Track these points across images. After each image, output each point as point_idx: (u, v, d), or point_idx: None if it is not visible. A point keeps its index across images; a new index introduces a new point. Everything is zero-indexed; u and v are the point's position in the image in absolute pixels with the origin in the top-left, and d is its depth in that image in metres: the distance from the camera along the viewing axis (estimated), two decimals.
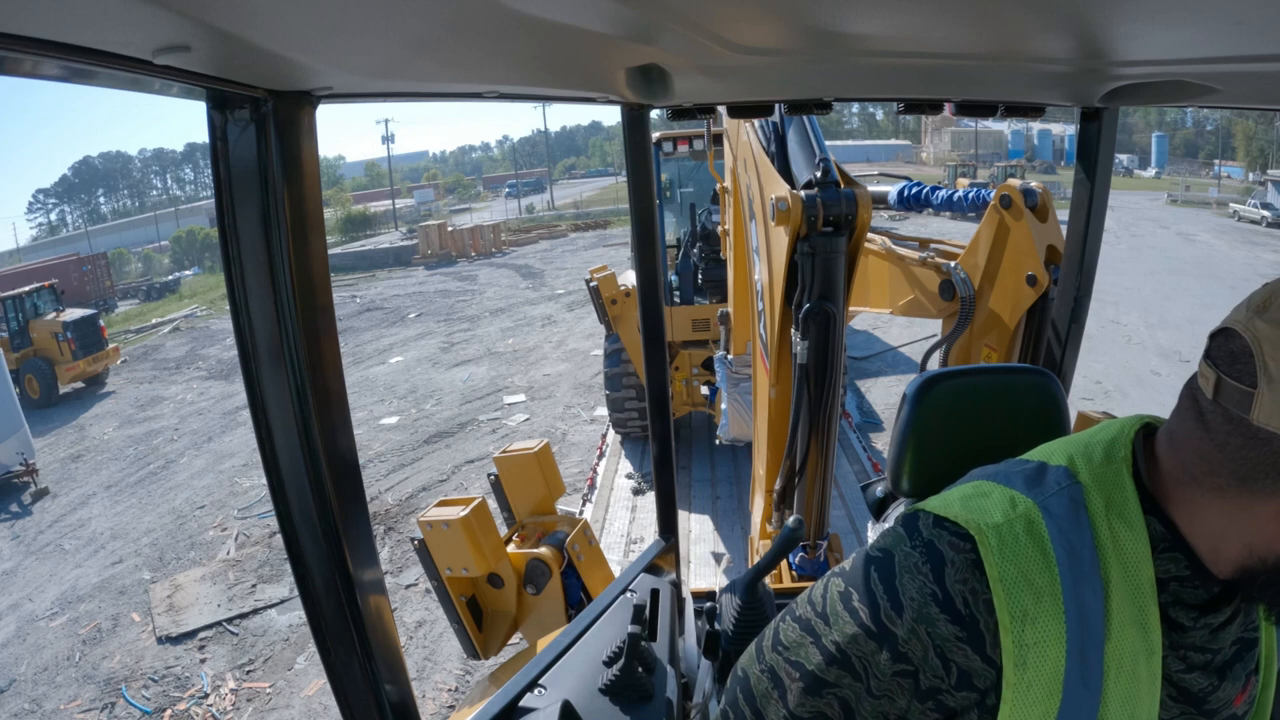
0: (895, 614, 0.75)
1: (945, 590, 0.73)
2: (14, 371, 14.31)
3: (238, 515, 9.21)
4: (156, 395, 15.89)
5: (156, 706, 5.97)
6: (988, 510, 0.74)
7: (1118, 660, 0.71)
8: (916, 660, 0.74)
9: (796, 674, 0.84)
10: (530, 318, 18.48)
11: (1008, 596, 0.70)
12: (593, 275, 7.73)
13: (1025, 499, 0.74)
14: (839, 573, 0.84)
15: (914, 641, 0.74)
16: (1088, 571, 0.71)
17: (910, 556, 0.76)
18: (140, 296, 34.67)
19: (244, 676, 6.18)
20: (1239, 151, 48.61)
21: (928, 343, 3.21)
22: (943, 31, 0.92)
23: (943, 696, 0.75)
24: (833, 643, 0.80)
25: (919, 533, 0.77)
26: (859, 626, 0.78)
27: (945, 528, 0.75)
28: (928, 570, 0.74)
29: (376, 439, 11.08)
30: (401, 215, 48.55)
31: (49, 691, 6.33)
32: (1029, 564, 0.71)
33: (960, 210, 3.61)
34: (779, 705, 0.86)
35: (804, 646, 0.83)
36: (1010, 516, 0.73)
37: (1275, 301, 0.64)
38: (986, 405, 1.16)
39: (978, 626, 0.72)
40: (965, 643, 0.72)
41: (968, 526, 0.73)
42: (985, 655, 0.72)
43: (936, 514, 0.77)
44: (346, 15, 0.65)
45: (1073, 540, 0.72)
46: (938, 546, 0.74)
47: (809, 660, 0.82)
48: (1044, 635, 0.70)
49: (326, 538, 0.91)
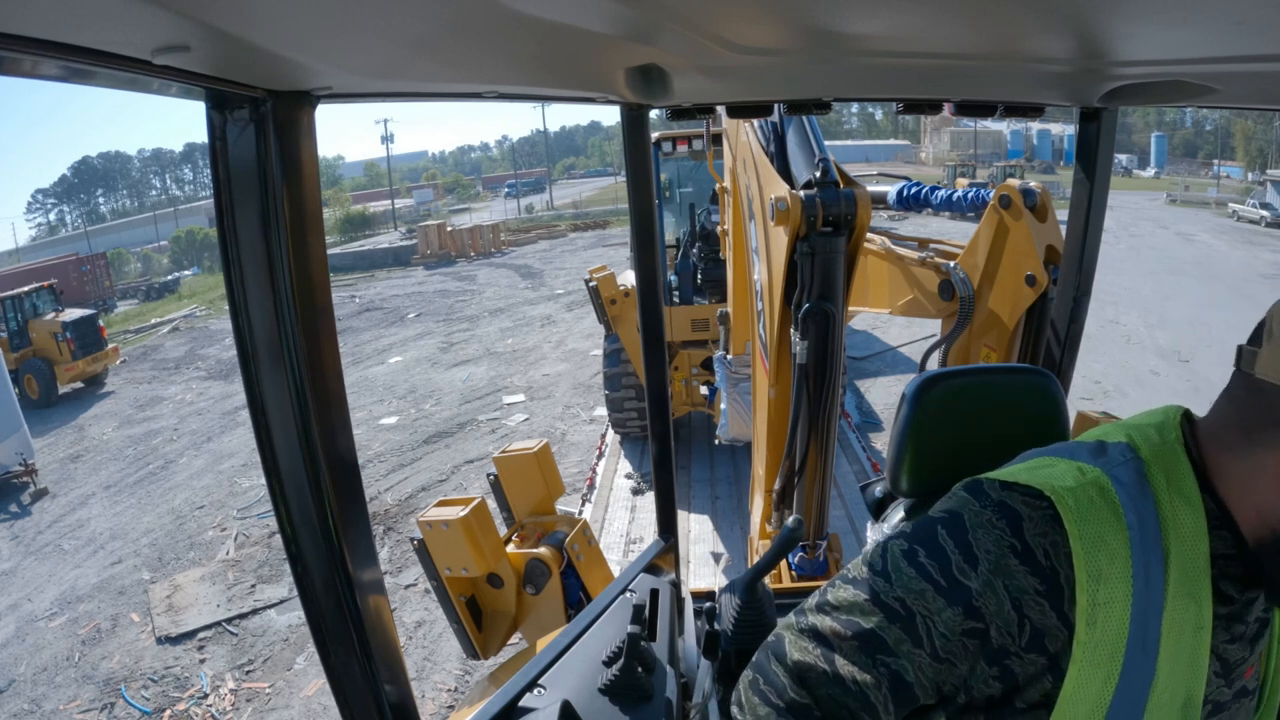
0: (969, 567, 0.75)
1: (1025, 542, 0.73)
2: (13, 372, 14.30)
3: (237, 515, 9.20)
4: (156, 395, 15.88)
5: (156, 707, 5.96)
6: (1058, 476, 0.76)
7: (1172, 629, 0.73)
8: (989, 615, 0.74)
9: (849, 633, 0.81)
10: (529, 318, 18.47)
11: (1086, 553, 0.71)
12: (592, 275, 7.72)
13: (1093, 468, 0.76)
14: (896, 536, 0.83)
15: (989, 595, 0.74)
16: (1152, 540, 0.73)
17: (982, 514, 0.76)
18: (139, 296, 34.64)
19: (243, 677, 6.18)
20: (1238, 151, 48.63)
21: (927, 343, 3.21)
22: (942, 31, 0.92)
23: (1010, 661, 0.75)
24: (896, 599, 0.79)
25: (987, 495, 0.77)
26: (928, 582, 0.77)
27: (1016, 490, 0.76)
28: (1003, 525, 0.75)
29: (376, 439, 11.08)
30: (401, 215, 48.52)
31: (48, 692, 6.33)
32: (1103, 525, 0.72)
33: (959, 210, 3.61)
34: (823, 667, 0.83)
35: (859, 605, 0.81)
36: (1082, 482, 0.75)
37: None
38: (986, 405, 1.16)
39: (1058, 580, 0.72)
40: (1044, 596, 0.73)
41: (1041, 488, 0.75)
42: (1061, 612, 0.72)
43: (1002, 480, 0.78)
44: (346, 15, 0.65)
45: (1140, 508, 0.74)
46: (1011, 505, 0.75)
47: (866, 619, 0.80)
48: (1114, 596, 0.71)
49: (326, 538, 0.91)
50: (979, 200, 3.37)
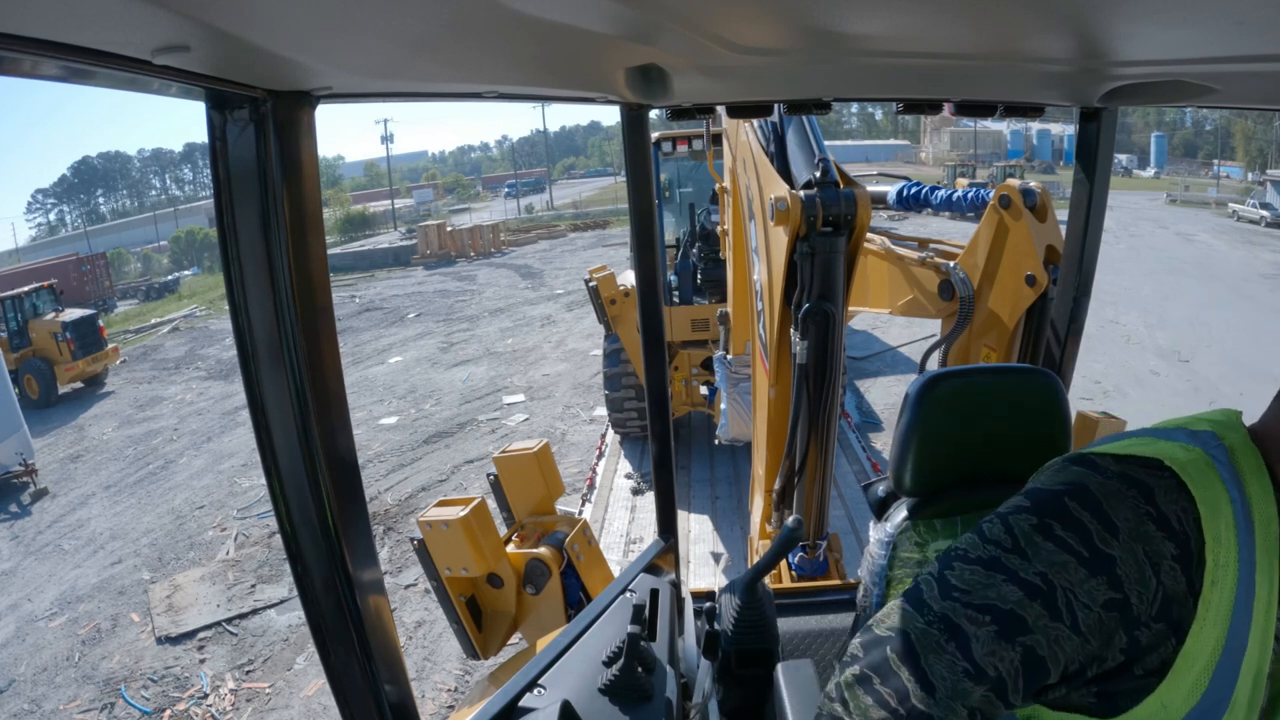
0: (1110, 536, 0.75)
1: (1159, 509, 0.75)
2: (13, 372, 14.30)
3: (237, 515, 9.20)
4: (156, 395, 15.88)
5: (156, 707, 5.96)
6: (1169, 451, 0.78)
7: (1261, 598, 0.76)
8: (1129, 584, 0.74)
9: (987, 617, 0.77)
10: (529, 318, 18.47)
11: (1209, 518, 0.74)
12: (592, 275, 7.72)
13: (1193, 447, 0.79)
14: (1019, 510, 0.81)
15: (1130, 563, 0.74)
16: (1246, 513, 0.76)
17: (1109, 485, 0.77)
18: (139, 296, 34.63)
19: (243, 677, 6.18)
20: (1238, 151, 48.63)
21: (927, 343, 3.21)
22: (942, 31, 0.92)
23: (1139, 631, 0.75)
24: (1036, 575, 0.76)
25: (1104, 468, 0.78)
26: (1069, 554, 0.76)
27: (1133, 462, 0.78)
28: (1135, 494, 0.76)
29: (376, 439, 11.08)
30: (401, 215, 48.52)
31: (48, 692, 6.33)
32: (1217, 494, 0.75)
33: (959, 210, 3.61)
34: (955, 659, 0.78)
35: (995, 586, 0.78)
36: (1191, 456, 0.77)
37: None
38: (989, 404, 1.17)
39: (1189, 545, 0.74)
40: (1177, 561, 0.74)
41: (1159, 458, 0.77)
42: (1189, 577, 0.74)
43: (1114, 454, 0.80)
44: (346, 15, 0.65)
45: (1235, 485, 0.77)
46: (1135, 475, 0.77)
47: (1004, 598, 0.77)
48: (1229, 560, 0.74)
49: (326, 538, 0.91)
50: (979, 200, 3.37)
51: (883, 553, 1.39)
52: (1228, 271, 18.43)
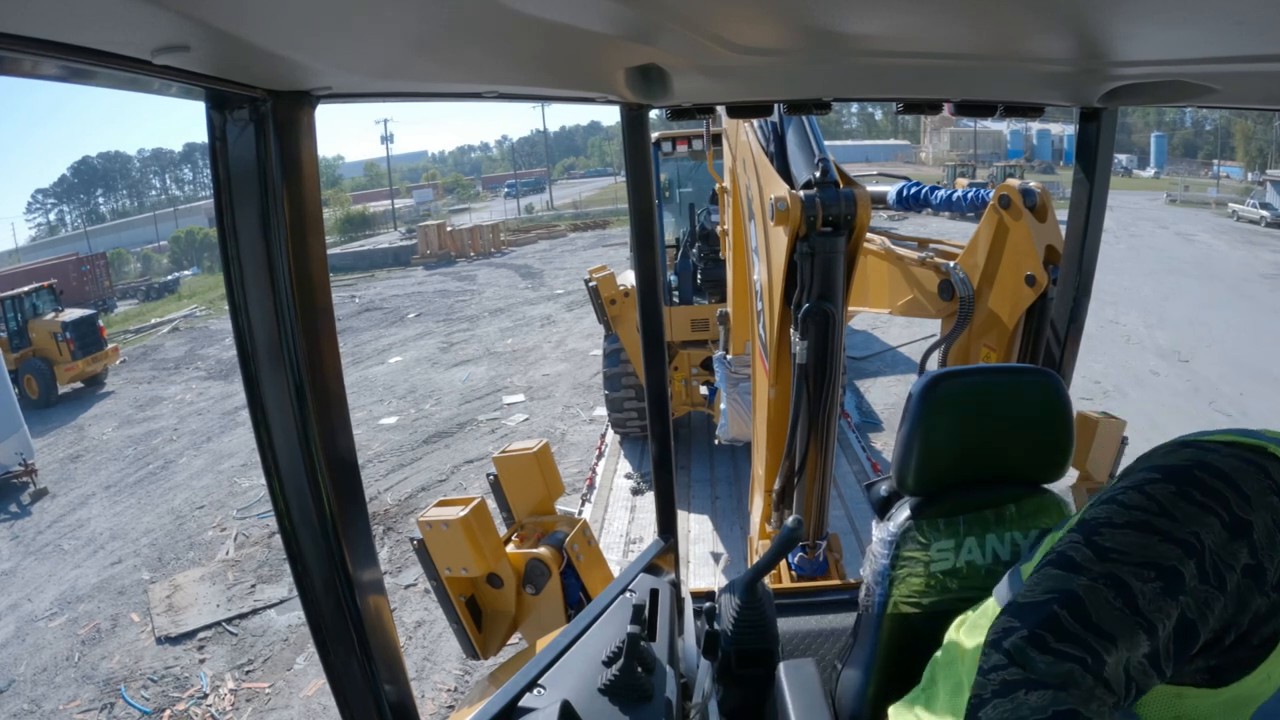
0: (1245, 504, 0.78)
1: (1278, 483, 0.78)
2: (13, 372, 14.28)
3: (237, 515, 9.20)
4: (155, 395, 15.87)
5: (156, 707, 5.96)
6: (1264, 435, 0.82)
7: None
8: (1263, 551, 0.77)
9: (1151, 573, 0.78)
10: (529, 318, 18.46)
11: None
12: (592, 275, 7.72)
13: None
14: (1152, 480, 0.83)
15: (1263, 530, 0.77)
16: None
17: (1230, 461, 0.80)
18: (139, 296, 34.62)
19: (243, 677, 6.18)
20: (1238, 151, 48.62)
21: (927, 343, 3.21)
22: (942, 31, 0.92)
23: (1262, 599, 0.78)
24: (1190, 534, 0.78)
25: (1217, 450, 0.82)
26: (1214, 517, 0.78)
27: (1239, 447, 0.82)
28: (1256, 471, 0.79)
29: (375, 439, 11.07)
30: (400, 215, 48.50)
31: (48, 692, 6.32)
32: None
33: (959, 210, 3.61)
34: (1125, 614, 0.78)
35: (1151, 545, 0.79)
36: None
37: None
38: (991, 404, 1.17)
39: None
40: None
41: (1263, 445, 0.81)
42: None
43: (1221, 441, 0.83)
44: (346, 15, 0.65)
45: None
46: (1249, 456, 0.80)
47: (1164, 556, 0.78)
48: None
49: (326, 538, 0.91)
50: (979, 200, 3.37)
51: (885, 552, 1.39)
52: (1228, 271, 18.43)
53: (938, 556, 1.37)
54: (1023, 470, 1.32)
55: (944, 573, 1.38)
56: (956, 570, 1.37)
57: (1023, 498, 1.34)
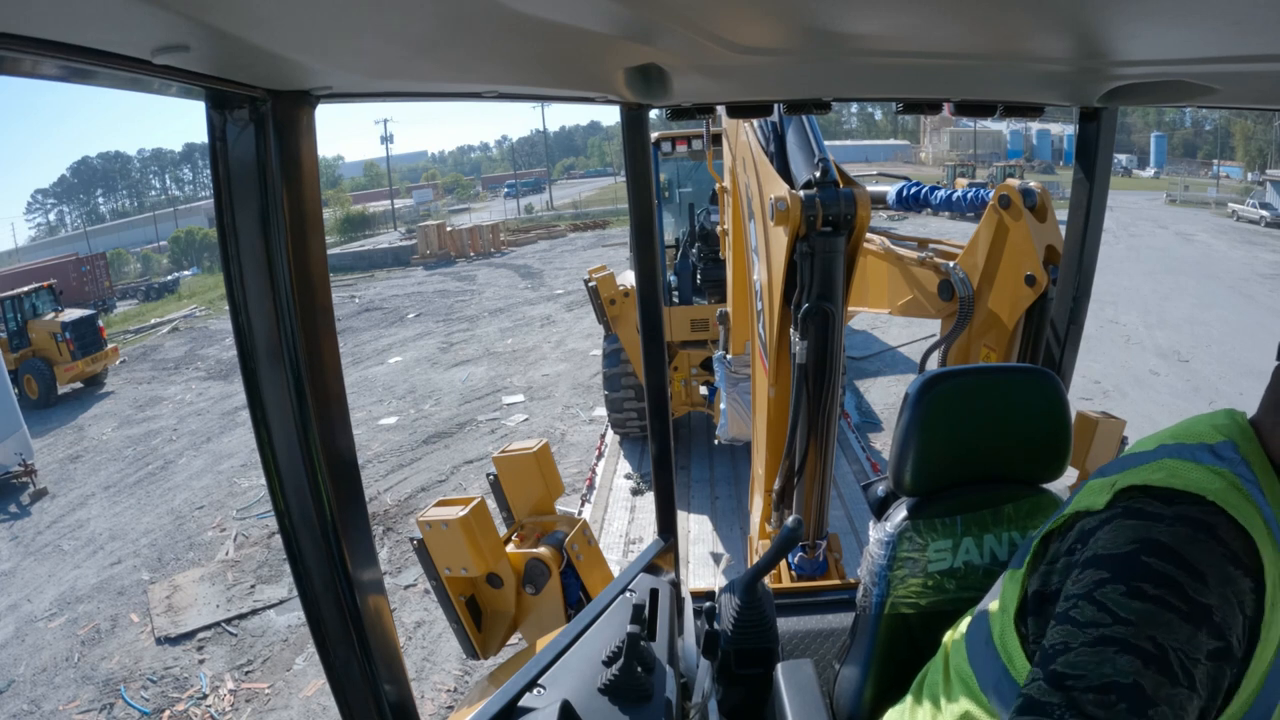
0: (1201, 585, 0.74)
1: (1231, 549, 0.75)
2: (13, 372, 14.28)
3: (236, 516, 9.20)
4: (155, 395, 15.87)
5: (155, 707, 5.96)
6: (1204, 481, 0.78)
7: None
8: (1228, 629, 0.73)
9: (1113, 696, 0.73)
10: (529, 318, 18.46)
11: (1262, 544, 0.76)
12: (591, 275, 7.72)
13: (1222, 469, 0.80)
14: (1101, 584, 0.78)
15: (1225, 607, 0.74)
16: (1275, 523, 0.78)
17: (1177, 533, 0.76)
18: (139, 297, 34.59)
19: (243, 677, 6.17)
20: (1238, 151, 48.63)
21: (926, 343, 3.21)
22: (942, 31, 0.92)
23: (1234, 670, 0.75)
24: (1146, 639, 0.73)
25: (1159, 514, 0.78)
26: (1171, 612, 0.73)
27: (1182, 501, 0.78)
28: (1205, 537, 0.75)
29: (375, 439, 11.07)
30: (400, 215, 48.50)
31: (48, 692, 6.32)
32: (1255, 518, 0.77)
33: (959, 210, 3.61)
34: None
35: (1109, 661, 0.74)
36: (1226, 484, 0.78)
37: None
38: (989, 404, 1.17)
39: (1261, 576, 0.75)
40: (1254, 593, 0.75)
41: (1203, 494, 0.77)
42: (1261, 605, 0.75)
43: (1158, 486, 0.80)
44: (345, 15, 0.65)
45: (1263, 501, 0.79)
46: (1195, 516, 0.76)
47: (1122, 671, 0.73)
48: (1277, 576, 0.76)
49: (325, 538, 0.91)
50: (978, 200, 3.37)
51: (883, 553, 1.39)
52: (1227, 271, 18.43)
53: (935, 557, 1.37)
54: (1020, 470, 1.32)
55: (941, 573, 1.38)
56: (954, 570, 1.37)
57: (1021, 498, 1.33)
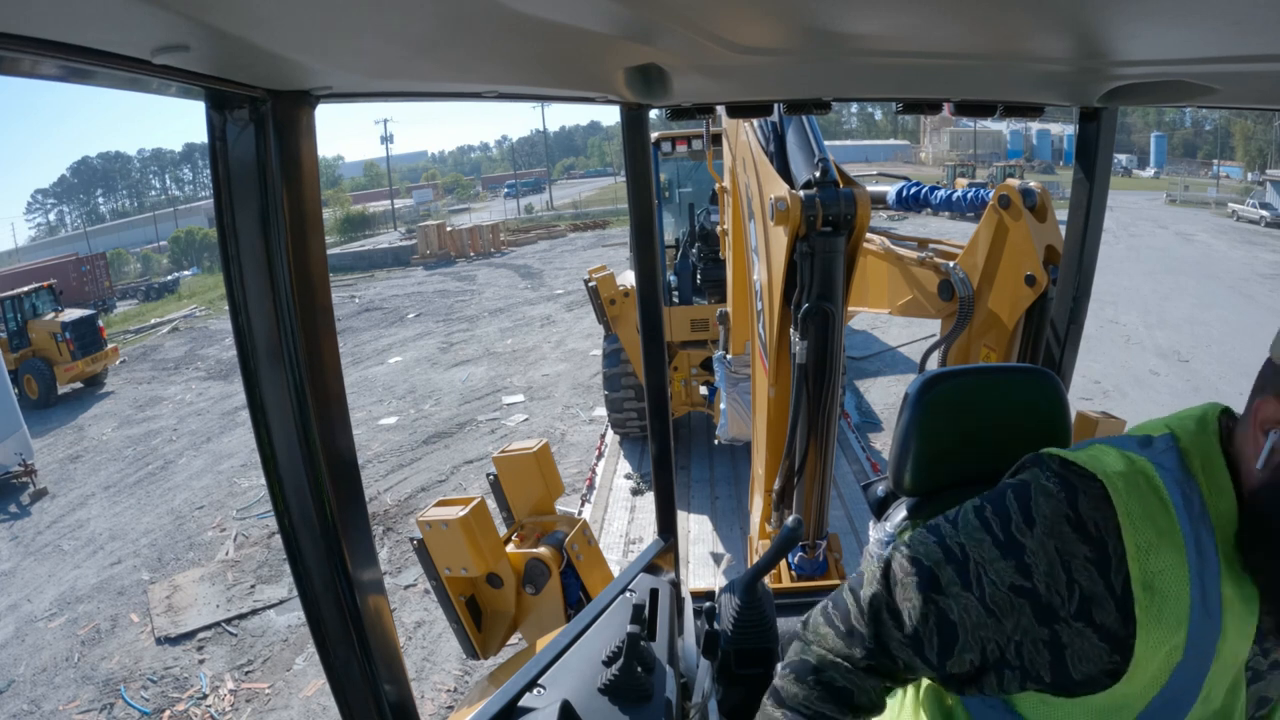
0: (1026, 527, 0.82)
1: (1078, 513, 0.80)
2: (13, 372, 14.28)
3: (236, 516, 9.20)
4: (155, 395, 15.87)
5: (155, 707, 5.96)
6: (1109, 463, 0.83)
7: (1231, 596, 0.78)
8: (1039, 574, 0.81)
9: (912, 569, 0.89)
10: (529, 318, 18.46)
11: (1133, 528, 0.78)
12: (591, 275, 7.72)
13: (1140, 457, 0.83)
14: (978, 498, 0.90)
15: (1040, 554, 0.81)
16: (1200, 514, 0.79)
17: (1045, 484, 0.84)
18: (139, 297, 34.59)
19: (243, 677, 6.17)
20: (1238, 151, 48.63)
21: (926, 343, 3.21)
22: (942, 31, 0.92)
23: (1059, 627, 0.80)
24: (957, 544, 0.87)
25: (1052, 469, 0.85)
26: (987, 533, 0.85)
27: (1074, 470, 0.83)
28: (1062, 496, 0.82)
29: (375, 439, 11.07)
30: (400, 215, 48.50)
31: (48, 692, 6.32)
32: (1151, 505, 0.79)
33: (959, 210, 3.61)
34: (886, 598, 0.91)
35: (926, 544, 0.90)
36: (1131, 468, 0.81)
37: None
38: (988, 404, 1.16)
39: (1106, 550, 0.78)
40: (1092, 563, 0.79)
41: (1094, 471, 0.82)
42: (1109, 581, 0.78)
43: (1063, 457, 0.85)
44: (346, 15, 0.65)
45: (1185, 489, 0.80)
46: (1071, 480, 0.83)
47: (928, 556, 0.88)
48: (1168, 563, 0.77)
49: (326, 538, 0.91)
50: (978, 200, 3.37)
51: (883, 553, 1.39)
52: (1227, 271, 18.43)
53: None
54: None
55: None
56: None
57: None
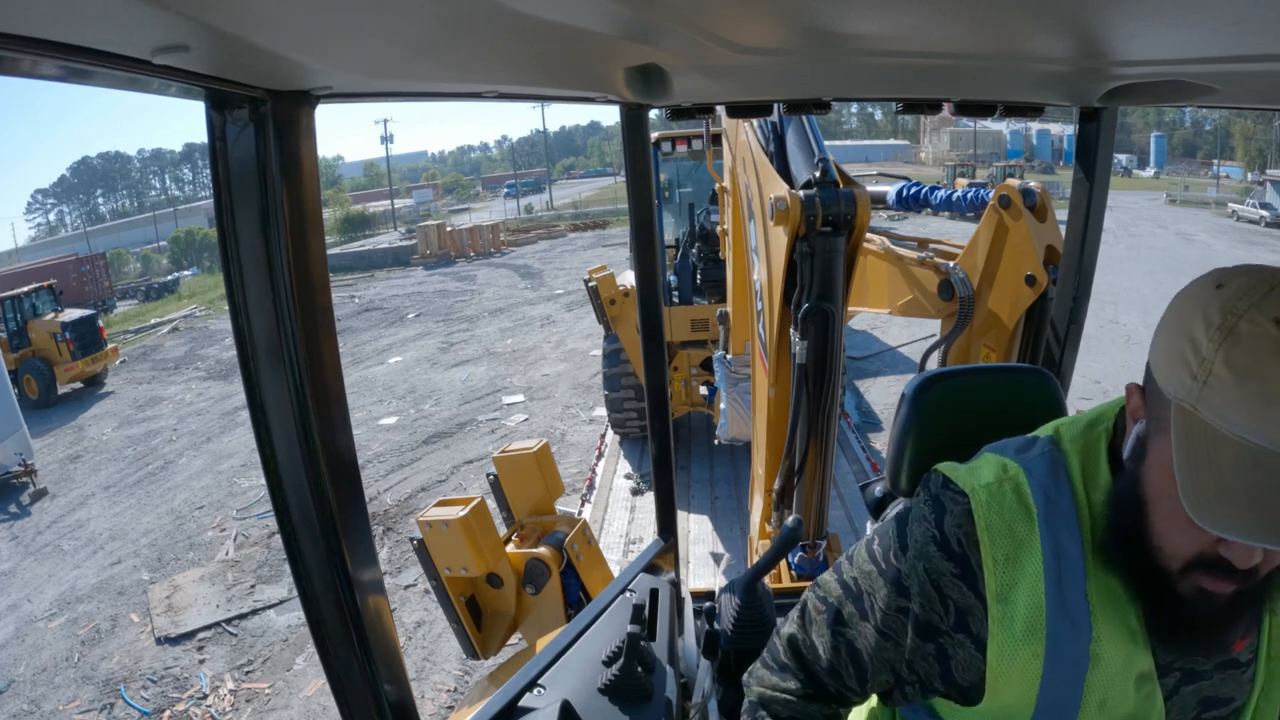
0: (901, 552, 0.89)
1: (943, 533, 0.85)
2: (13, 372, 14.28)
3: (236, 516, 9.20)
4: (155, 395, 15.87)
5: (155, 707, 5.96)
6: (982, 473, 0.86)
7: (1101, 599, 0.79)
8: (913, 593, 0.86)
9: (822, 608, 0.98)
10: (529, 318, 18.46)
11: (991, 541, 0.81)
12: (591, 275, 7.72)
13: (1013, 463, 0.86)
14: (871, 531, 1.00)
15: (913, 577, 0.86)
16: (1064, 519, 0.81)
17: (921, 509, 0.89)
18: (139, 297, 34.59)
19: (243, 677, 6.18)
20: (1237, 151, 48.62)
21: (926, 343, 3.21)
22: (942, 31, 0.92)
23: (942, 640, 0.85)
24: (852, 579, 0.95)
25: (930, 490, 0.90)
26: (873, 564, 0.92)
27: (949, 487, 0.88)
28: (932, 518, 0.87)
29: (375, 439, 11.07)
30: (400, 215, 48.49)
31: (48, 692, 6.32)
32: (1012, 515, 0.82)
33: (959, 210, 3.61)
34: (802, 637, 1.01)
35: (830, 584, 0.99)
36: (1001, 477, 0.85)
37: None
38: (985, 404, 1.16)
39: (969, 564, 0.83)
40: (960, 579, 0.83)
41: (964, 486, 0.86)
42: (978, 592, 0.82)
43: (945, 475, 0.89)
44: (345, 15, 0.65)
45: (1050, 493, 0.82)
46: (942, 500, 0.87)
47: (832, 595, 0.97)
48: (1023, 575, 0.80)
49: (326, 538, 0.91)
50: (978, 200, 3.37)
51: None
52: None
53: None
54: None
55: None
56: None
57: None
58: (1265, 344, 0.63)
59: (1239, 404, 0.64)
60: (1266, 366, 0.63)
